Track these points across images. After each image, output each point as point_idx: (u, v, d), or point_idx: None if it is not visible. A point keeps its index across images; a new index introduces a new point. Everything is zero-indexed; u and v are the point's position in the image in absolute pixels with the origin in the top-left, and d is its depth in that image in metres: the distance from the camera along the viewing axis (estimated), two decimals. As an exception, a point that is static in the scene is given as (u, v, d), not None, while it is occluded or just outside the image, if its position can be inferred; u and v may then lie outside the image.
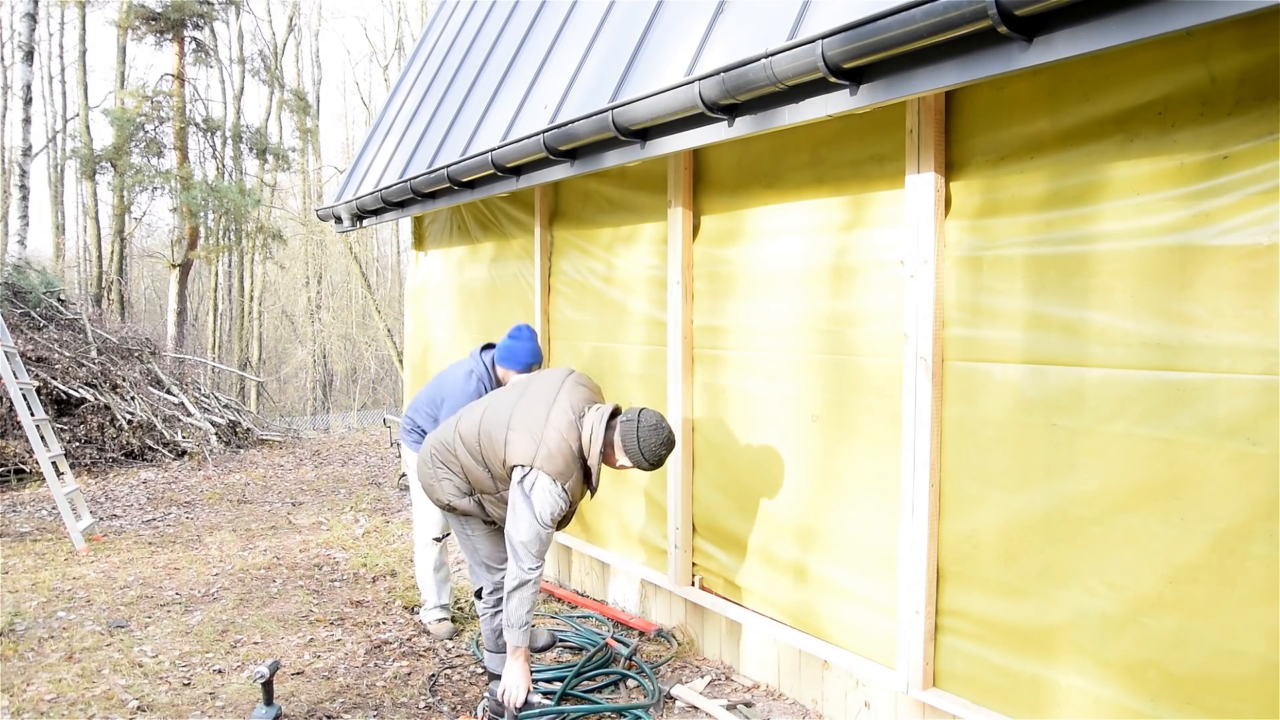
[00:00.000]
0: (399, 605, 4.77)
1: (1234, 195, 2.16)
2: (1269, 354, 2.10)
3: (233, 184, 18.94)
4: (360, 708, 3.54)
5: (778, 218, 3.55)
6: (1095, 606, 2.49)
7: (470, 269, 6.13)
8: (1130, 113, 2.37)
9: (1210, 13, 1.81)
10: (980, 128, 2.76)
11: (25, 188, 12.88)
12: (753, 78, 2.79)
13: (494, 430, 3.14)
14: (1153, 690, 2.36)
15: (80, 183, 21.97)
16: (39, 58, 20.83)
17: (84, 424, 9.18)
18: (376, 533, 6.50)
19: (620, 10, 4.24)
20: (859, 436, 3.22)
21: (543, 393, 3.20)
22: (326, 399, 24.96)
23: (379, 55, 26.92)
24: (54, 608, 4.76)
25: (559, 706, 3.43)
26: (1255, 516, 2.14)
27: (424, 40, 7.63)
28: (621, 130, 3.48)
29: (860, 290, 3.19)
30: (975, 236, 2.78)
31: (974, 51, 2.26)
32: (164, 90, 17.89)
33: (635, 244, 4.40)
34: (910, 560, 2.97)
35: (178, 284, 17.89)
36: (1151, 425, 2.34)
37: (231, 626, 4.47)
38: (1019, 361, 2.67)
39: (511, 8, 5.78)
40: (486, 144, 4.74)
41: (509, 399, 3.27)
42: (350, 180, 7.24)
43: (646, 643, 4.16)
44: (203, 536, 6.42)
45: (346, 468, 9.79)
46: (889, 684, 3.07)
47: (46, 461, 6.31)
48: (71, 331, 10.14)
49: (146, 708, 3.53)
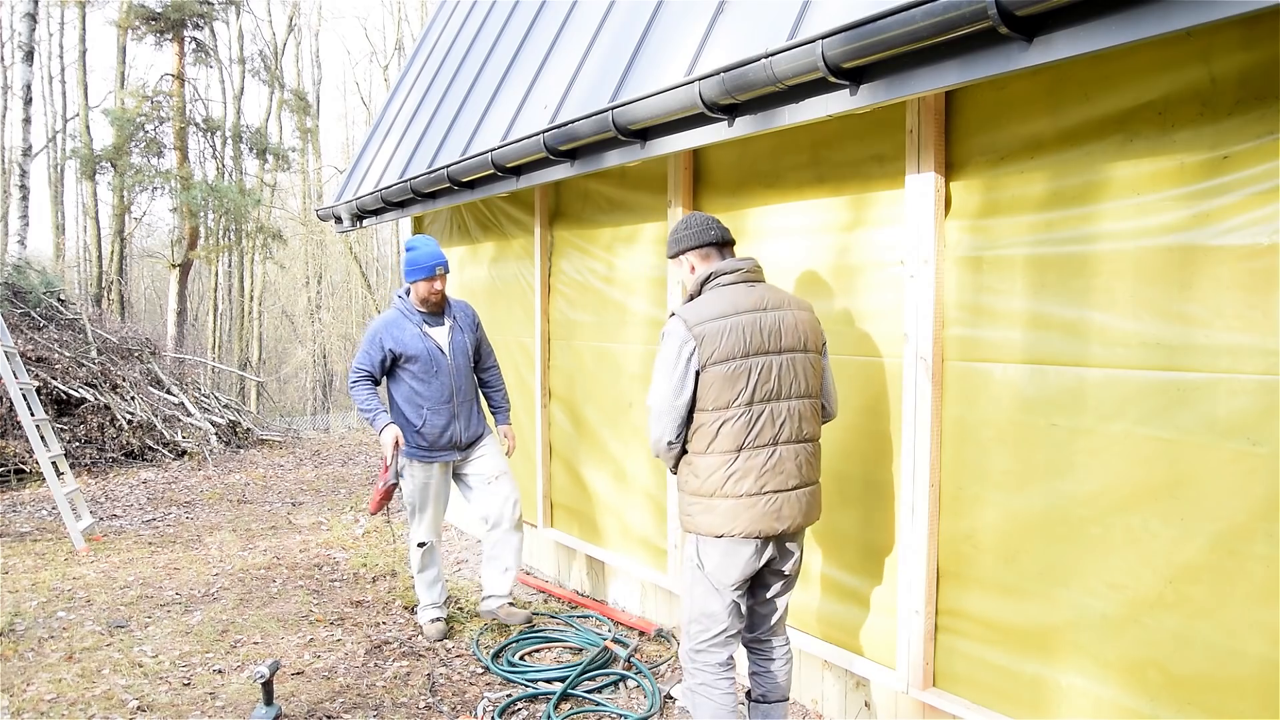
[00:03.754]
0: (399, 605, 4.77)
1: (1234, 195, 2.16)
2: (1269, 354, 2.10)
3: (233, 184, 18.95)
4: (360, 708, 3.54)
5: (778, 218, 3.55)
6: (1095, 606, 2.49)
7: (470, 269, 6.13)
8: (1130, 113, 2.37)
9: (1210, 13, 1.81)
10: (980, 128, 2.76)
11: (25, 188, 12.88)
12: (753, 78, 2.79)
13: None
14: (1153, 690, 2.36)
15: (80, 183, 21.99)
16: (39, 58, 20.86)
17: (84, 424, 9.18)
18: (376, 533, 6.50)
19: (620, 10, 4.24)
20: (859, 436, 3.22)
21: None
22: (326, 399, 24.97)
23: (379, 55, 26.96)
24: (54, 608, 4.76)
25: (558, 707, 3.43)
26: (1255, 516, 2.14)
27: (424, 40, 7.63)
28: (621, 130, 3.48)
29: (860, 290, 3.19)
30: (975, 236, 2.78)
31: (974, 51, 2.25)
32: (164, 90, 17.91)
33: (635, 244, 4.40)
34: (910, 560, 2.97)
35: (178, 284, 17.90)
36: (1151, 425, 2.34)
37: (231, 626, 4.47)
38: (1019, 361, 2.67)
39: (511, 8, 5.78)
40: (486, 144, 4.74)
41: None
42: (350, 180, 7.24)
43: (646, 643, 4.16)
44: (203, 536, 6.42)
45: (346, 468, 9.80)
46: (889, 684, 3.07)
47: (46, 461, 6.31)
48: (71, 331, 10.15)
49: (146, 708, 3.53)
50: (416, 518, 4.29)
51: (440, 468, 4.25)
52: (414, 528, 4.32)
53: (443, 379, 4.14)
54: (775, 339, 2.60)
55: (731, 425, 2.55)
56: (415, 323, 4.14)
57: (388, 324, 4.15)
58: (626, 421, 4.54)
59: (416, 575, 4.38)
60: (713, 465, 2.57)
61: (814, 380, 2.69)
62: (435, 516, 4.30)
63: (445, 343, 4.17)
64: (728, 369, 2.54)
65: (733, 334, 2.55)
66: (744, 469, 2.56)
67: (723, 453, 2.56)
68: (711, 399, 2.55)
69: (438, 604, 4.39)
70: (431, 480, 4.23)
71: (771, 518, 2.57)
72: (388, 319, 4.18)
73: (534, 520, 5.36)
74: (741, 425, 2.55)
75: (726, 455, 2.56)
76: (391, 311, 4.22)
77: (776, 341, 2.60)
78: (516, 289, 5.51)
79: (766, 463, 2.56)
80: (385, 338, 4.09)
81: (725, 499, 2.56)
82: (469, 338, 4.29)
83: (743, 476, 2.55)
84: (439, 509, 4.32)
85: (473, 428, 4.28)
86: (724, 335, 2.55)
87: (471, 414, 4.28)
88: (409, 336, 4.10)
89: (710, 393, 2.55)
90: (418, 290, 4.13)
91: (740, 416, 2.55)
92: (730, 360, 2.54)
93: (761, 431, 2.56)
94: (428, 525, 4.29)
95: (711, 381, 2.55)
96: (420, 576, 4.37)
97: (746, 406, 2.55)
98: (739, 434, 2.55)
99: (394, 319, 4.16)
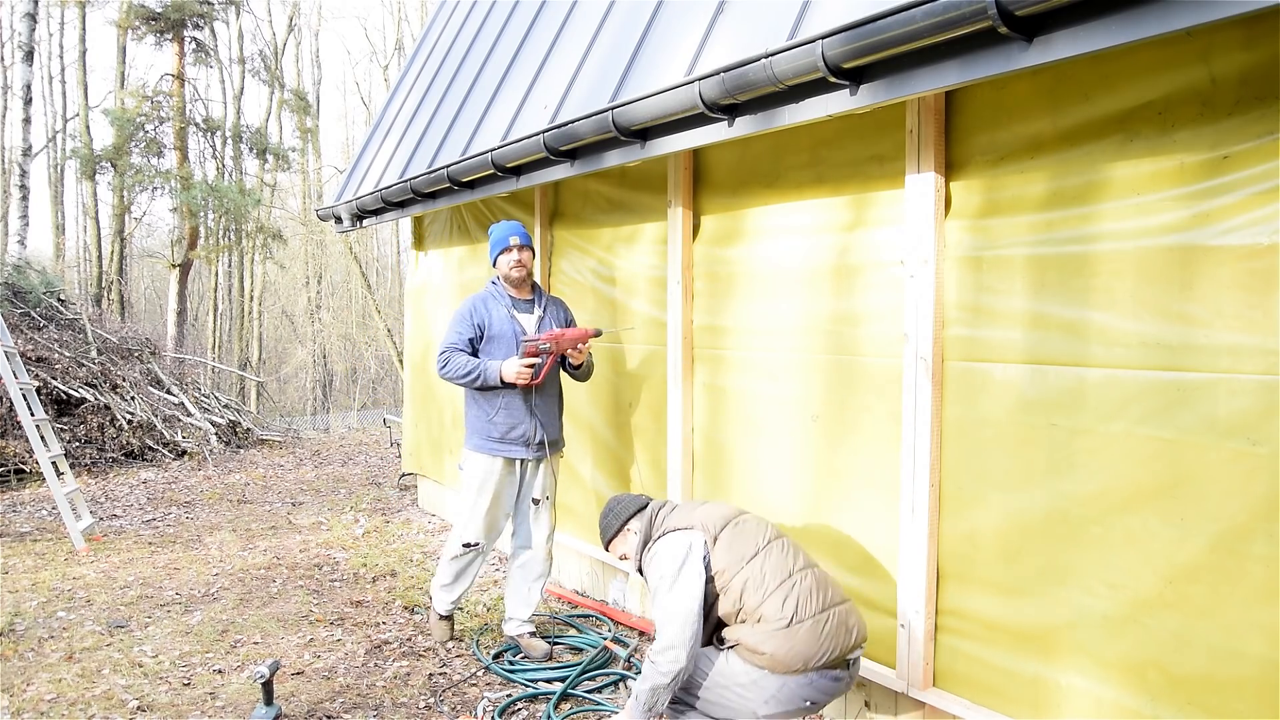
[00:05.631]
0: (399, 605, 4.77)
1: (1234, 195, 2.16)
2: (1269, 354, 2.10)
3: (233, 184, 18.94)
4: (360, 708, 3.54)
5: (778, 217, 3.55)
6: (1095, 606, 2.49)
7: (470, 269, 6.13)
8: (1130, 113, 2.37)
9: (1210, 13, 1.81)
10: (980, 127, 2.76)
11: (25, 188, 12.88)
12: (753, 78, 2.79)
13: None
14: (1153, 690, 2.36)
15: (80, 183, 21.97)
16: (39, 58, 20.84)
17: (84, 424, 9.18)
18: (376, 533, 6.50)
19: (620, 10, 4.24)
20: (859, 436, 3.22)
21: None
22: (326, 399, 24.96)
23: (379, 55, 26.94)
24: (54, 608, 4.76)
25: (559, 707, 3.43)
26: (1255, 516, 2.14)
27: (424, 40, 7.63)
28: (622, 130, 3.48)
29: (860, 290, 3.19)
30: (975, 236, 2.78)
31: (974, 51, 2.26)
32: (164, 90, 17.90)
33: (635, 244, 4.40)
34: (910, 560, 2.97)
35: (178, 284, 17.90)
36: (1151, 425, 2.34)
37: (231, 626, 4.47)
38: (1019, 361, 2.67)
39: (511, 8, 5.78)
40: (486, 144, 4.74)
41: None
42: (350, 180, 7.24)
43: (647, 643, 4.16)
44: (203, 536, 6.42)
45: (346, 468, 9.80)
46: (889, 684, 3.07)
47: (46, 461, 6.31)
48: (71, 331, 10.15)
49: (146, 708, 3.53)
50: (467, 514, 3.97)
51: (504, 464, 3.93)
52: (464, 526, 3.98)
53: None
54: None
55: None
56: (505, 305, 3.96)
57: (478, 301, 3.97)
58: (627, 421, 4.54)
59: (440, 574, 4.10)
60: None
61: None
62: (492, 517, 3.97)
63: (532, 329, 3.94)
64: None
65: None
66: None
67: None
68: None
69: (451, 602, 4.16)
70: (494, 475, 3.92)
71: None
72: (479, 296, 4.01)
73: (534, 520, 5.36)
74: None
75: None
76: (483, 290, 4.05)
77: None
78: (516, 289, 5.50)
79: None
80: (476, 313, 3.91)
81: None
82: (558, 329, 3.99)
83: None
84: (497, 510, 3.98)
85: (550, 430, 3.99)
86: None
87: (551, 415, 4.00)
88: (497, 317, 3.92)
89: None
90: (499, 267, 3.98)
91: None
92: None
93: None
94: (480, 524, 3.95)
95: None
96: (445, 575, 4.08)
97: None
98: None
99: (485, 296, 4.00)
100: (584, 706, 3.51)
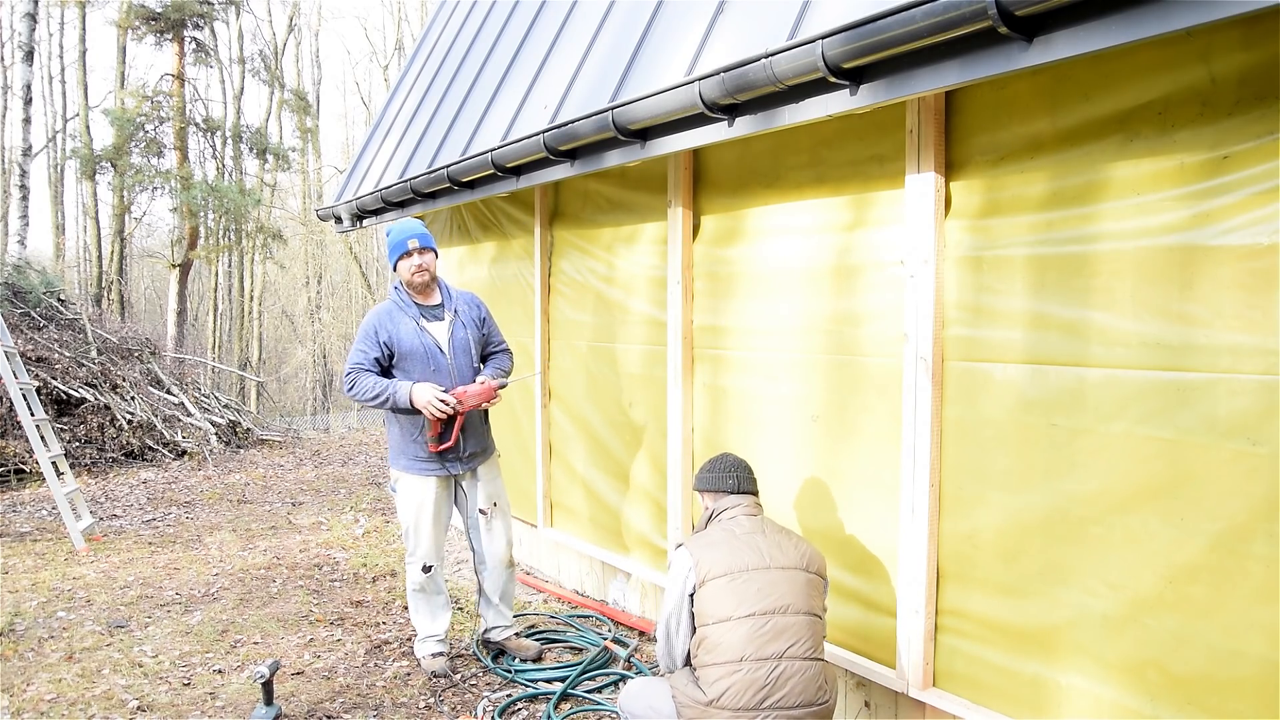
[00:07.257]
0: (399, 605, 4.77)
1: (1234, 195, 2.16)
2: (1269, 354, 2.10)
3: (233, 184, 18.95)
4: (360, 708, 3.54)
5: (778, 218, 3.55)
6: (1095, 606, 2.49)
7: (470, 269, 6.13)
8: (1130, 113, 2.37)
9: (1210, 13, 1.81)
10: (980, 127, 2.76)
11: (25, 188, 12.89)
12: (753, 78, 2.79)
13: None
14: (1153, 690, 2.36)
15: (80, 183, 21.98)
16: (39, 58, 20.84)
17: (84, 424, 9.18)
18: (376, 533, 6.50)
19: (620, 10, 4.24)
20: (859, 436, 3.22)
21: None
22: (326, 399, 24.95)
23: (379, 55, 26.98)
24: (54, 608, 4.76)
25: (558, 707, 3.43)
26: (1255, 516, 2.14)
27: (424, 40, 7.63)
28: (621, 130, 3.48)
29: (860, 290, 3.19)
30: (975, 236, 2.78)
31: (974, 51, 2.25)
32: (164, 90, 17.92)
33: (635, 244, 4.40)
34: (910, 560, 2.97)
35: (178, 284, 17.90)
36: (1152, 425, 2.34)
37: (231, 626, 4.47)
38: (1019, 361, 2.67)
39: (511, 8, 5.78)
40: (486, 144, 4.73)
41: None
42: (350, 180, 7.25)
43: (646, 643, 4.16)
44: (203, 536, 6.42)
45: (346, 468, 9.80)
46: (889, 684, 3.07)
47: (46, 461, 6.31)
48: (71, 331, 10.15)
49: (146, 708, 3.53)
50: (413, 540, 3.81)
51: (439, 482, 3.79)
52: (412, 553, 3.83)
53: (441, 381, 3.67)
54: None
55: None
56: (412, 316, 3.71)
57: (382, 316, 3.71)
58: (627, 421, 4.54)
59: (415, 606, 3.92)
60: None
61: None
62: (437, 537, 3.83)
63: (445, 339, 3.72)
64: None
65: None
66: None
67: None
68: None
69: (439, 636, 3.92)
70: (429, 495, 3.77)
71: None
72: (381, 311, 3.74)
73: (534, 520, 5.36)
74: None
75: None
76: (385, 303, 3.79)
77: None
78: (516, 289, 5.51)
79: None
80: (380, 330, 3.67)
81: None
82: (473, 334, 3.83)
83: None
84: (440, 529, 3.85)
85: (478, 439, 3.86)
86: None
87: (475, 426, 3.82)
88: (405, 332, 3.67)
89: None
90: (400, 273, 3.73)
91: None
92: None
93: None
94: (427, 547, 3.81)
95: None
96: (420, 605, 3.91)
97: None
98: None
99: (388, 310, 3.73)
100: (584, 706, 3.51)
